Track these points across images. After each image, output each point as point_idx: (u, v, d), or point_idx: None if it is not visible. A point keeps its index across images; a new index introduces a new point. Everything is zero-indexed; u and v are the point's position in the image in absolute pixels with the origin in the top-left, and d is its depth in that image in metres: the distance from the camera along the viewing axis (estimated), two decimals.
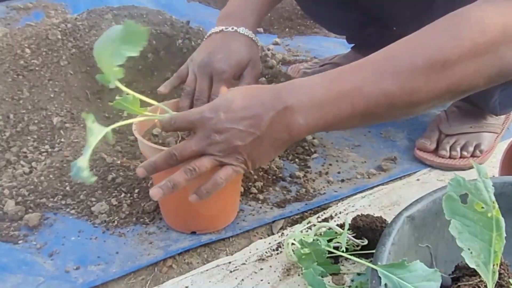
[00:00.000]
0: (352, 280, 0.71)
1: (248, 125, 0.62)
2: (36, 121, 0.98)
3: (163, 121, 0.67)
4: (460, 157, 1.00)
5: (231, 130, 0.62)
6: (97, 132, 0.54)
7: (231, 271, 0.73)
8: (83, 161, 0.52)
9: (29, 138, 0.96)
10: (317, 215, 0.85)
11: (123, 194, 0.86)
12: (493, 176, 0.84)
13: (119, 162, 0.91)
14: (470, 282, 0.54)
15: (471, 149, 1.01)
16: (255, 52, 0.90)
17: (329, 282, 0.70)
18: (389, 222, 0.61)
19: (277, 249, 0.77)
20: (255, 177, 0.92)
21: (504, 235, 0.48)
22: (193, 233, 0.80)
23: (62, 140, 0.95)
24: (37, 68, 1.02)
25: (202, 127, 0.64)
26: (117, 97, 0.61)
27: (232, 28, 0.88)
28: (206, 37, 0.92)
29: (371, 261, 0.54)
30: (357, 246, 0.73)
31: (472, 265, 0.49)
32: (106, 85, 0.59)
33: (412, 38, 0.60)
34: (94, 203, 0.84)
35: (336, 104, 0.60)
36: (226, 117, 0.63)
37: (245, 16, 0.92)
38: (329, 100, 0.60)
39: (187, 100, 0.86)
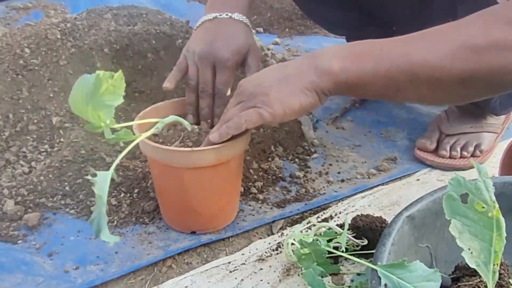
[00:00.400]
0: (352, 280, 0.70)
1: (278, 70, 0.69)
2: (35, 121, 0.97)
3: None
4: (460, 157, 1.00)
5: (261, 76, 0.70)
6: (103, 181, 0.51)
7: (230, 271, 0.73)
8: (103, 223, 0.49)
9: (28, 138, 0.96)
10: (317, 215, 0.85)
11: (122, 194, 0.86)
12: (493, 176, 0.84)
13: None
14: (470, 282, 0.54)
15: (471, 149, 1.01)
16: (252, 38, 0.88)
17: (328, 282, 0.70)
18: (389, 222, 0.60)
19: (276, 249, 0.77)
20: (255, 177, 0.92)
21: (505, 235, 0.48)
22: (193, 233, 0.79)
23: (62, 139, 0.95)
24: (36, 68, 1.02)
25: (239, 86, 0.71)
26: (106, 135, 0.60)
27: (227, 15, 0.85)
28: (198, 25, 0.87)
29: (371, 261, 0.54)
30: (357, 246, 0.73)
31: (472, 265, 0.49)
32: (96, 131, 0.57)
33: (441, 26, 0.62)
34: (93, 203, 0.84)
35: (361, 58, 0.65)
36: (259, 73, 0.73)
37: (237, 1, 0.89)
38: (355, 53, 0.66)
39: (193, 94, 0.83)
